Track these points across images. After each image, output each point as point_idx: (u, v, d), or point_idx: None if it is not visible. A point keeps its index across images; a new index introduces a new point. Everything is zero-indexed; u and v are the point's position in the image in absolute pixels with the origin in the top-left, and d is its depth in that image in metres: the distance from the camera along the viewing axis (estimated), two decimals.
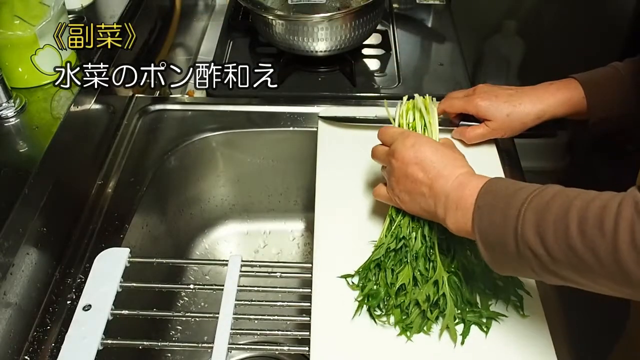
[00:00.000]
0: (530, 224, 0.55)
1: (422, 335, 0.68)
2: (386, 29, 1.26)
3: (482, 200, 0.61)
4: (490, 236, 0.60)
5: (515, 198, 0.57)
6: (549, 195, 0.56)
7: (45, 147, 0.78)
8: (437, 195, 0.66)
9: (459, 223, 0.64)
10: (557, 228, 0.53)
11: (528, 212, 0.55)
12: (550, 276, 0.56)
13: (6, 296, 0.69)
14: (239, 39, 1.25)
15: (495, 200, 0.60)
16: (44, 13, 0.83)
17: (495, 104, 0.84)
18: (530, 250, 0.55)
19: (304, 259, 1.13)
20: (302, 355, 0.94)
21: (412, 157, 0.68)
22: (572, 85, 0.82)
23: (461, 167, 0.67)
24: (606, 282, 0.52)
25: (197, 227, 1.13)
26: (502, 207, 0.58)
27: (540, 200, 0.56)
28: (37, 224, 0.75)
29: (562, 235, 0.52)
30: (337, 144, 0.93)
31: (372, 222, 0.81)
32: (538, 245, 0.54)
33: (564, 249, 0.52)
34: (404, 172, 0.69)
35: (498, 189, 0.61)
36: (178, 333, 1.00)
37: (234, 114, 1.06)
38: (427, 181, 0.67)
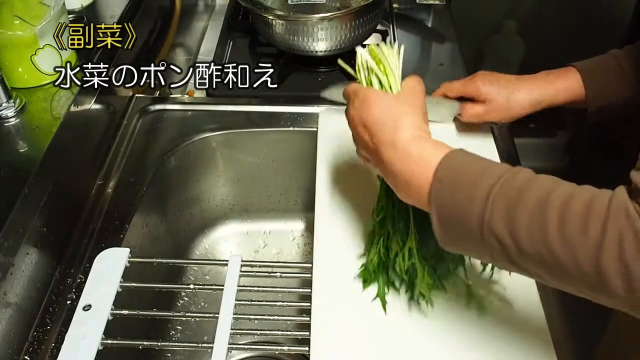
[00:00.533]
0: (500, 213, 0.51)
1: (422, 335, 0.68)
2: (386, 29, 1.26)
3: (442, 172, 0.56)
4: (449, 213, 0.55)
5: (483, 179, 0.53)
6: (520, 181, 0.52)
7: (45, 147, 0.78)
8: (382, 164, 0.61)
9: (412, 197, 0.60)
10: (531, 224, 0.49)
11: (498, 199, 0.51)
12: (511, 266, 0.53)
13: (6, 296, 0.69)
14: (239, 39, 1.25)
15: (459, 176, 0.55)
16: (44, 13, 0.83)
17: (495, 87, 0.83)
18: (496, 239, 0.51)
19: (304, 259, 1.13)
20: (302, 355, 0.94)
21: (359, 119, 0.64)
22: (570, 74, 0.82)
23: (404, 129, 0.60)
24: (580, 286, 0.49)
25: (197, 227, 1.13)
26: (467, 186, 0.54)
27: (512, 186, 0.52)
28: (37, 224, 0.75)
29: (537, 233, 0.49)
30: (337, 144, 0.93)
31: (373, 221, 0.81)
32: (506, 237, 0.51)
33: (537, 247, 0.49)
34: (355, 134, 0.65)
35: (462, 163, 0.56)
36: (178, 333, 1.00)
37: (234, 114, 1.06)
38: (371, 146, 0.62)
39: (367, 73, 0.68)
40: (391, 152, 0.59)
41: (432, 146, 0.58)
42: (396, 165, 0.59)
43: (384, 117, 0.61)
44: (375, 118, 0.61)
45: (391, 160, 0.59)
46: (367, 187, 0.86)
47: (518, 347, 0.67)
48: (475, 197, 0.52)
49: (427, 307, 0.70)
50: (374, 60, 0.66)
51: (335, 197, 0.85)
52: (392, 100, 0.63)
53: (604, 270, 0.45)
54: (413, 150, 0.58)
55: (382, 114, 0.61)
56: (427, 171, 0.56)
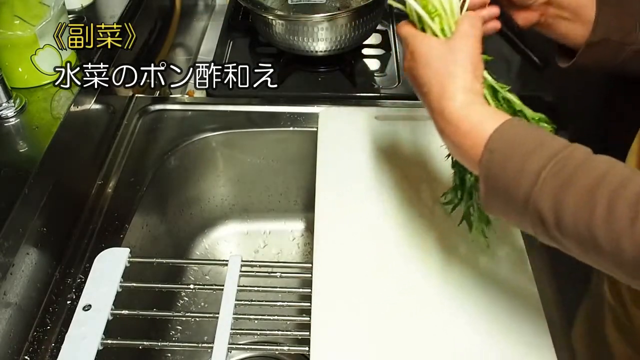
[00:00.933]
0: (549, 192, 0.49)
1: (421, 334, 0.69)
2: (386, 29, 1.26)
3: (495, 144, 0.54)
4: (497, 184, 0.54)
5: (538, 152, 0.51)
6: (576, 160, 0.50)
7: (45, 147, 0.78)
8: (432, 115, 0.60)
9: (463, 161, 0.59)
10: (578, 207, 0.47)
11: (550, 177, 0.49)
12: (548, 240, 0.52)
13: (6, 296, 0.69)
14: (239, 39, 1.25)
15: (511, 148, 0.53)
16: (44, 13, 0.83)
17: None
18: (539, 215, 0.50)
19: (304, 259, 1.13)
20: (302, 355, 0.94)
21: (410, 73, 0.62)
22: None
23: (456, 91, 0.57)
24: (617, 271, 0.48)
25: (197, 227, 1.13)
26: (519, 158, 0.52)
27: (566, 165, 0.50)
28: (37, 224, 0.75)
29: (583, 216, 0.47)
30: (337, 144, 0.93)
31: (373, 221, 0.81)
32: (550, 215, 0.49)
33: (581, 230, 0.47)
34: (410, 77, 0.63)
35: (515, 134, 0.54)
36: (178, 333, 1.00)
37: (234, 114, 1.06)
38: (424, 98, 0.60)
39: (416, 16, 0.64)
40: (439, 121, 0.58)
41: (481, 115, 0.56)
42: (445, 134, 0.58)
43: (429, 78, 0.59)
44: (423, 79, 0.60)
45: (440, 129, 0.58)
46: (367, 186, 0.86)
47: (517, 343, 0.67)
48: (526, 170, 0.51)
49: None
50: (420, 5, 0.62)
51: (335, 197, 0.85)
52: (441, 53, 0.60)
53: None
54: (462, 122, 0.56)
55: (429, 74, 0.59)
56: (477, 143, 0.55)
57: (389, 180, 0.87)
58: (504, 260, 0.76)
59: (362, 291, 0.73)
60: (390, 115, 0.99)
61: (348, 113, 1.00)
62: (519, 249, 0.77)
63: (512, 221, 0.57)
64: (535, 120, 0.62)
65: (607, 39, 0.71)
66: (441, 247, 0.77)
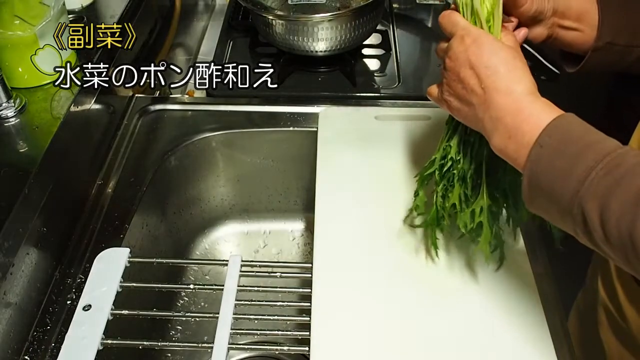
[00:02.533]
0: (596, 193, 0.48)
1: (421, 334, 0.68)
2: (386, 29, 1.26)
3: (546, 138, 0.53)
4: (543, 181, 0.53)
5: (588, 153, 0.50)
6: (627, 164, 0.49)
7: (45, 147, 0.78)
8: (488, 109, 0.59)
9: (507, 151, 0.57)
10: (624, 211, 0.47)
11: (598, 179, 0.49)
12: (589, 243, 0.51)
13: (6, 296, 0.69)
14: (239, 39, 1.25)
15: (562, 146, 0.52)
16: (44, 13, 0.83)
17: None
18: (583, 218, 0.50)
19: (304, 259, 1.13)
20: (302, 355, 0.94)
21: (466, 60, 0.60)
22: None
23: (520, 81, 0.58)
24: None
25: (197, 227, 1.13)
26: (569, 157, 0.51)
27: (616, 168, 0.49)
28: (37, 224, 0.75)
29: (627, 221, 0.46)
30: (337, 144, 0.93)
31: (373, 221, 0.81)
32: (595, 219, 0.48)
33: (623, 235, 0.47)
34: (456, 75, 0.62)
35: (568, 132, 0.53)
36: (178, 333, 1.00)
37: (234, 114, 1.06)
38: (478, 90, 0.59)
39: (469, 14, 0.64)
40: (503, 99, 0.57)
41: (543, 107, 0.56)
42: (505, 114, 0.57)
43: (497, 64, 0.59)
44: (488, 63, 0.59)
45: (501, 108, 0.57)
46: (367, 186, 0.86)
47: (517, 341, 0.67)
48: (575, 170, 0.50)
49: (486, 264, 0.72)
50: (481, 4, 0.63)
51: (335, 197, 0.85)
52: (507, 49, 0.60)
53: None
54: (525, 104, 0.56)
55: (496, 60, 0.59)
56: (533, 131, 0.54)
57: (389, 180, 0.87)
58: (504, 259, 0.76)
59: (361, 291, 0.73)
60: (390, 115, 0.99)
61: (348, 113, 1.00)
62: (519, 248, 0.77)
63: (552, 219, 0.56)
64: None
65: (612, 42, 0.71)
66: (441, 246, 0.77)
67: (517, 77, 0.58)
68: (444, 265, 0.76)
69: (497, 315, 0.70)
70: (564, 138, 0.53)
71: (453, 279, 0.74)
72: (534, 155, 0.54)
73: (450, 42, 0.63)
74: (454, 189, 0.68)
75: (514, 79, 0.58)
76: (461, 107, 0.62)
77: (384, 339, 0.68)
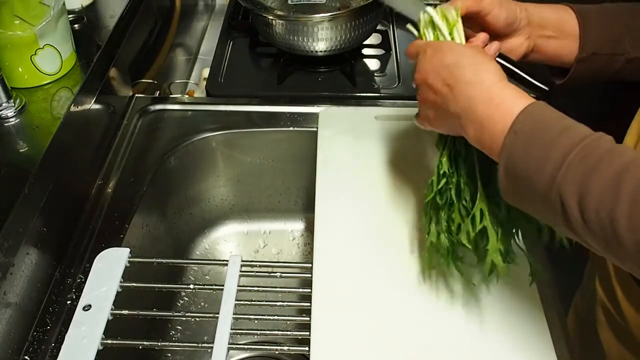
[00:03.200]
0: (573, 177, 0.48)
1: (421, 334, 0.68)
2: (386, 29, 1.26)
3: (520, 125, 0.53)
4: (518, 169, 0.52)
5: (563, 138, 0.50)
6: (602, 149, 0.48)
7: (45, 147, 0.78)
8: (457, 101, 0.58)
9: (482, 141, 0.57)
10: (603, 195, 0.46)
11: (575, 163, 0.48)
12: (568, 231, 0.50)
13: (6, 296, 0.69)
14: (239, 39, 1.25)
15: (537, 132, 0.52)
16: (44, 13, 0.83)
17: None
18: (561, 204, 0.49)
19: (304, 259, 1.13)
20: (302, 355, 0.94)
21: (430, 67, 0.61)
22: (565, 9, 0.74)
23: (487, 71, 0.58)
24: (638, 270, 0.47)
25: (197, 227, 1.13)
26: (544, 143, 0.51)
27: (593, 151, 0.48)
28: (37, 224, 0.75)
29: (606, 207, 0.46)
30: (337, 144, 0.93)
31: (373, 221, 0.81)
32: (573, 204, 0.48)
33: (603, 221, 0.46)
34: (425, 85, 0.62)
35: (542, 118, 0.53)
36: (178, 333, 1.00)
37: (234, 114, 1.06)
38: (446, 89, 0.59)
39: (432, 34, 0.67)
40: (472, 89, 0.57)
41: (514, 94, 0.56)
42: (475, 103, 0.57)
43: (462, 60, 0.59)
44: (454, 61, 0.59)
45: (471, 97, 0.57)
46: (368, 186, 0.86)
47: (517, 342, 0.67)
48: (551, 156, 0.50)
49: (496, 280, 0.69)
50: (442, 20, 0.66)
51: (335, 197, 0.85)
52: (467, 46, 0.62)
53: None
54: (495, 92, 0.56)
55: (460, 58, 0.59)
56: (505, 118, 0.54)
57: (389, 180, 0.87)
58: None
59: (362, 291, 0.73)
60: (390, 115, 0.99)
61: (348, 113, 1.00)
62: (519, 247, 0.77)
63: (531, 210, 0.56)
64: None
65: (596, 53, 0.71)
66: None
67: (482, 68, 0.58)
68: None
69: (497, 314, 0.70)
70: (538, 125, 0.52)
71: (454, 277, 0.74)
72: (508, 143, 0.53)
73: (417, 61, 0.64)
74: (453, 205, 0.66)
75: (480, 69, 0.58)
76: (437, 113, 0.62)
77: (384, 339, 0.68)
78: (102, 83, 0.94)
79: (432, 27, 0.68)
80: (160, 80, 1.19)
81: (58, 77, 0.88)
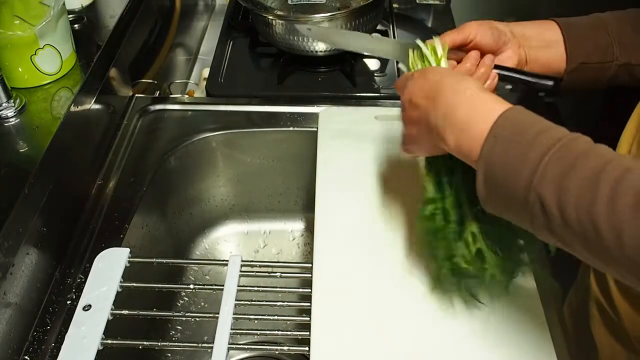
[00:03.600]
0: (551, 178, 0.48)
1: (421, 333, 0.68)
2: (386, 29, 1.26)
3: (499, 129, 0.53)
4: (497, 173, 0.53)
5: (540, 139, 0.50)
6: (579, 149, 0.49)
7: (45, 147, 0.78)
8: (437, 108, 0.59)
9: (461, 147, 0.57)
10: (582, 193, 0.46)
11: (552, 163, 0.49)
12: (549, 236, 0.50)
13: (6, 296, 0.69)
14: (239, 39, 1.25)
15: (515, 136, 0.52)
16: (44, 13, 0.83)
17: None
18: (541, 205, 0.49)
19: (304, 259, 1.13)
20: (302, 355, 0.94)
21: (416, 87, 0.62)
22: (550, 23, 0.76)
23: (467, 81, 0.59)
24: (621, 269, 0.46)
25: (197, 227, 1.13)
26: (522, 145, 0.51)
27: (569, 152, 0.49)
28: (37, 224, 0.75)
29: (585, 204, 0.46)
30: (337, 144, 0.93)
31: (373, 221, 0.81)
32: (552, 205, 0.48)
33: (583, 219, 0.46)
34: (409, 104, 0.63)
35: (520, 122, 0.53)
36: (178, 333, 1.00)
37: (234, 114, 1.06)
38: (427, 101, 0.60)
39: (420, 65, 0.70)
40: (452, 97, 0.58)
41: (494, 99, 0.57)
42: (455, 108, 0.58)
43: (444, 77, 0.60)
44: (437, 78, 0.61)
45: (450, 104, 0.58)
46: (368, 186, 0.86)
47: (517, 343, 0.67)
48: (528, 157, 0.50)
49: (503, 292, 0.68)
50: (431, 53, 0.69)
51: (335, 197, 0.85)
52: (449, 68, 0.64)
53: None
54: (475, 98, 0.57)
55: (443, 76, 0.61)
56: (484, 123, 0.54)
57: (389, 180, 0.87)
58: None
59: (361, 291, 0.73)
60: (390, 115, 0.99)
61: (348, 113, 1.00)
62: None
63: (512, 216, 0.55)
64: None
65: (585, 62, 0.73)
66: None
67: (462, 79, 0.60)
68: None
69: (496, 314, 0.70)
70: (516, 128, 0.53)
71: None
72: (487, 147, 0.53)
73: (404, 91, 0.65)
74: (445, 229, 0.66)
75: (460, 80, 0.59)
76: (419, 129, 0.63)
77: (384, 339, 0.68)
78: (102, 83, 0.94)
79: (420, 60, 0.70)
80: (160, 80, 1.19)
81: (58, 77, 0.88)
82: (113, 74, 0.99)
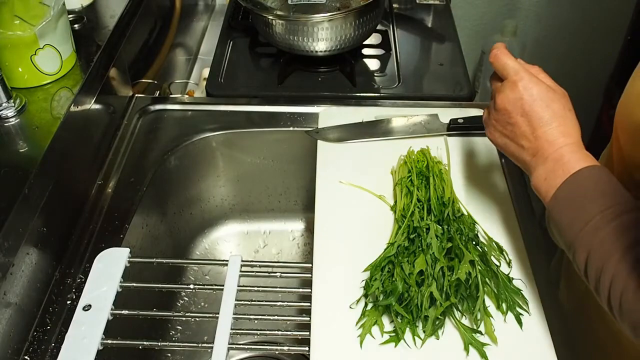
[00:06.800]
0: (583, 249, 0.59)
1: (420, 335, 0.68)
2: (386, 29, 1.26)
3: (561, 191, 0.62)
4: (556, 220, 0.63)
5: (589, 207, 0.60)
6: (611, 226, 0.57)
7: (45, 147, 0.78)
8: (536, 155, 0.66)
9: (540, 190, 0.65)
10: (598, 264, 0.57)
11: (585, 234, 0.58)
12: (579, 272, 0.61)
13: (6, 296, 0.69)
14: (239, 39, 1.25)
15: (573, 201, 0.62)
16: (44, 13, 0.83)
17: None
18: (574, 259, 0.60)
19: (304, 259, 1.13)
20: (302, 355, 0.94)
21: (519, 108, 0.66)
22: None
23: (569, 135, 0.65)
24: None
25: (197, 227, 1.13)
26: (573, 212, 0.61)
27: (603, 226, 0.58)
28: (37, 224, 0.75)
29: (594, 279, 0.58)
30: (337, 143, 0.93)
31: (373, 221, 0.81)
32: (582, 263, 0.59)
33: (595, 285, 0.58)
34: (507, 119, 0.67)
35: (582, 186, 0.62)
36: (178, 333, 1.00)
37: (234, 114, 1.06)
38: (530, 137, 0.66)
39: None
40: (551, 148, 0.64)
41: (580, 157, 0.63)
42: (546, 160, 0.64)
43: (550, 117, 0.65)
44: (542, 114, 0.65)
45: (547, 155, 0.65)
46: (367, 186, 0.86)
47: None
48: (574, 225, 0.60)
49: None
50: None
51: (335, 196, 0.85)
52: (558, 101, 0.66)
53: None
54: (566, 154, 0.64)
55: (549, 113, 0.65)
56: (563, 177, 0.62)
57: (389, 181, 0.87)
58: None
59: (361, 291, 0.73)
60: (390, 115, 0.99)
61: (348, 113, 1.00)
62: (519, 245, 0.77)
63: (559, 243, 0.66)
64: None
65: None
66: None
67: (566, 130, 0.65)
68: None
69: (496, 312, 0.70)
70: (572, 193, 0.62)
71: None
72: (551, 202, 0.63)
73: (503, 85, 0.68)
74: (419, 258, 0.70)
75: (564, 131, 0.65)
76: (508, 144, 0.69)
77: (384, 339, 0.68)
78: (102, 83, 0.94)
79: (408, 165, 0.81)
80: (160, 80, 1.19)
81: (58, 77, 0.88)
82: (113, 74, 0.99)
